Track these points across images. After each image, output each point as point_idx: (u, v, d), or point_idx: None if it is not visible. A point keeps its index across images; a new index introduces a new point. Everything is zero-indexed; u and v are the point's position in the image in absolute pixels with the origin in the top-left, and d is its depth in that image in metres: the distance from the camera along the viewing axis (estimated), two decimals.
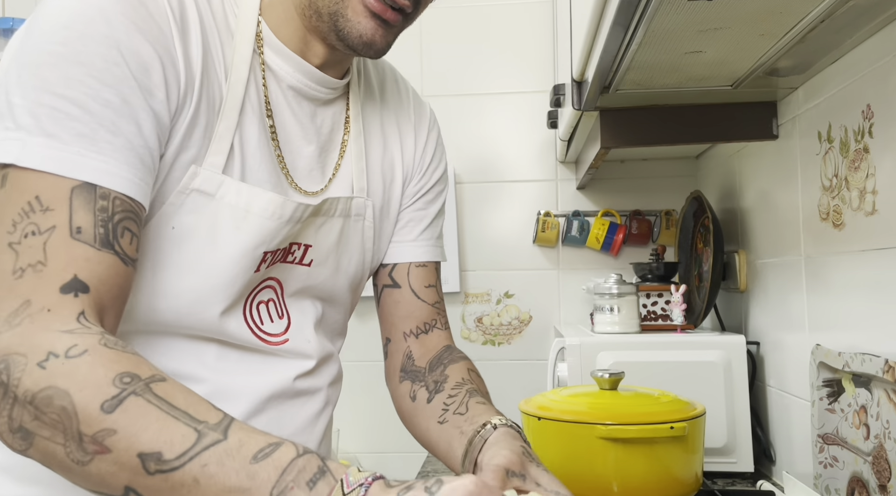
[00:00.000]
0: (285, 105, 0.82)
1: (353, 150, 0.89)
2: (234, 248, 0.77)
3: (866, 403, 0.99)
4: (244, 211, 0.77)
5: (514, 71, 2.03)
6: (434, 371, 0.94)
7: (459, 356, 0.96)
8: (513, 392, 1.95)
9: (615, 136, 1.34)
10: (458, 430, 0.84)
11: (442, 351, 0.96)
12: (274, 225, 0.79)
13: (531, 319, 2.01)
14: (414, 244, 0.99)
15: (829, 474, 1.09)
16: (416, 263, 0.98)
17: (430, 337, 0.98)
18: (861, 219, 1.03)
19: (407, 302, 0.98)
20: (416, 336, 0.98)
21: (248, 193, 0.77)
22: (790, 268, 1.30)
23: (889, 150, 0.96)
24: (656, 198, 1.97)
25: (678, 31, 0.92)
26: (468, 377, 0.92)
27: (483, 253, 2.03)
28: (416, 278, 0.98)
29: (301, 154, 0.84)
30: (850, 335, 1.07)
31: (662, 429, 1.02)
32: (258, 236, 0.78)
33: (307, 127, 0.85)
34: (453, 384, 0.91)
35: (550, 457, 1.09)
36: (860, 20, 0.93)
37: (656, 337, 1.46)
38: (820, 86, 1.16)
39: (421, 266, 0.99)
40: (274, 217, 0.79)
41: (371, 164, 0.92)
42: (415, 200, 0.99)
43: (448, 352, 0.96)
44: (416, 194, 0.99)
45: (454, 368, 0.93)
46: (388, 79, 0.98)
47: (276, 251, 0.81)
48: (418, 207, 0.99)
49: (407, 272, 0.98)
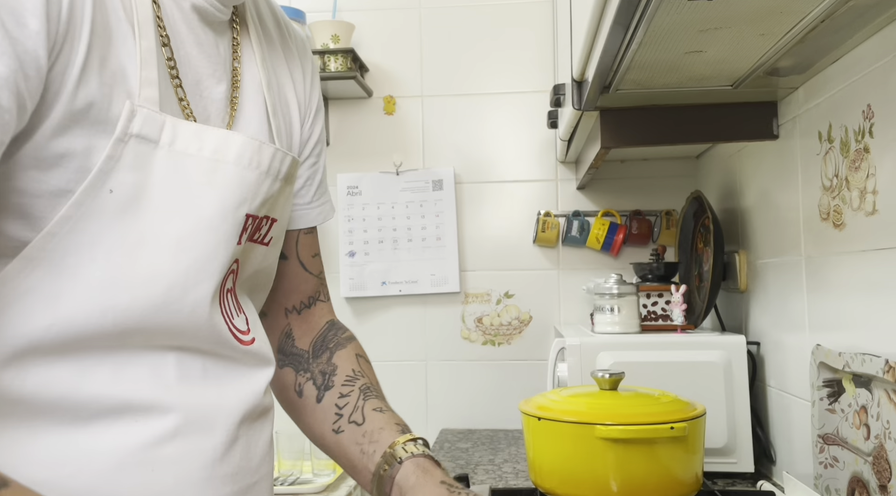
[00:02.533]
0: (187, 32, 0.65)
1: (249, 82, 0.72)
2: (208, 209, 0.61)
3: (867, 403, 0.99)
4: (212, 160, 0.61)
5: (514, 71, 2.03)
6: (319, 357, 0.83)
7: (345, 337, 0.86)
8: (513, 392, 1.96)
9: (615, 136, 1.34)
10: (358, 449, 0.76)
11: (325, 329, 0.86)
12: (253, 176, 0.64)
13: (531, 319, 2.00)
14: (309, 207, 0.84)
15: (830, 474, 1.09)
16: (304, 230, 0.85)
17: (312, 312, 0.87)
18: (861, 219, 1.02)
19: (293, 275, 0.85)
20: (299, 311, 0.85)
21: (211, 135, 0.61)
22: (790, 268, 1.29)
23: (889, 150, 0.96)
24: (656, 198, 1.97)
25: (678, 31, 0.92)
26: (358, 368, 0.82)
27: (483, 253, 2.03)
28: (305, 247, 0.85)
29: (212, 97, 0.67)
30: (850, 335, 1.07)
31: (662, 429, 1.02)
32: (238, 191, 0.63)
33: (214, 59, 0.68)
34: (343, 378, 0.81)
35: (550, 457, 1.09)
36: (860, 20, 0.92)
37: (656, 337, 1.46)
38: (820, 86, 1.15)
39: (309, 233, 0.86)
40: (252, 165, 0.64)
41: (272, 102, 0.75)
42: (309, 153, 0.83)
43: (332, 332, 0.86)
44: (308, 143, 0.83)
45: (341, 356, 0.83)
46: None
47: (256, 218, 0.67)
48: (311, 162, 0.84)
49: (296, 242, 0.84)
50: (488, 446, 1.76)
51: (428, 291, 2.00)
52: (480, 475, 1.47)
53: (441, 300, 2.02)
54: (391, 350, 2.01)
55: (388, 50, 2.03)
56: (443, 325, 2.02)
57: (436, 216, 2.02)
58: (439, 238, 2.01)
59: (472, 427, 1.98)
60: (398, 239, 2.01)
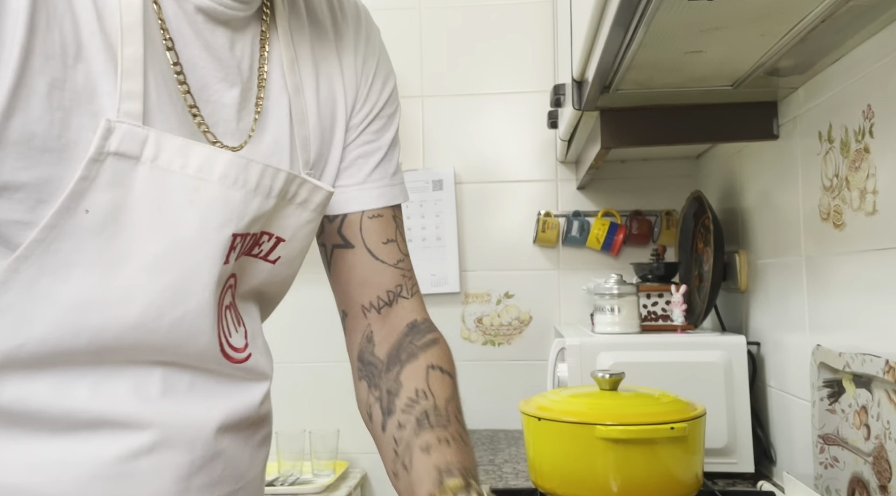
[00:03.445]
0: (192, 35, 0.62)
1: (275, 83, 0.68)
2: (189, 229, 0.58)
3: (867, 404, 0.99)
4: (196, 178, 0.58)
5: (514, 71, 2.03)
6: (391, 370, 0.75)
7: (422, 343, 0.77)
8: (513, 392, 1.96)
9: (615, 136, 1.34)
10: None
11: (404, 334, 0.77)
12: (239, 195, 0.60)
13: (531, 320, 2.00)
14: (363, 188, 0.77)
15: (830, 475, 1.09)
16: (369, 213, 0.77)
17: (394, 310, 0.78)
18: (862, 219, 1.02)
19: (363, 265, 0.77)
20: (379, 310, 0.78)
21: (197, 152, 0.58)
22: (791, 268, 1.29)
23: (890, 151, 0.96)
24: (657, 198, 1.97)
25: (679, 31, 0.92)
26: (424, 386, 0.72)
27: (483, 253, 2.03)
28: (372, 233, 0.77)
29: (223, 102, 0.64)
30: (850, 335, 1.07)
31: (663, 429, 1.01)
32: (222, 212, 0.60)
33: (227, 63, 0.64)
34: (405, 401, 0.71)
35: (550, 458, 1.09)
36: (861, 20, 0.92)
37: (657, 337, 1.46)
38: (820, 86, 1.15)
39: (376, 217, 0.77)
40: (237, 184, 0.60)
41: (308, 103, 0.71)
42: (361, 132, 0.77)
43: (410, 337, 0.77)
44: (363, 123, 0.77)
45: (410, 370, 0.74)
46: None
47: (245, 236, 0.63)
48: (366, 140, 0.78)
49: (359, 226, 0.77)
50: (488, 446, 1.75)
51: (428, 291, 2.00)
52: (480, 475, 1.47)
53: (441, 300, 2.02)
54: None
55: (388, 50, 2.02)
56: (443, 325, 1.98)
57: (436, 216, 2.02)
58: (439, 238, 2.01)
59: (472, 427, 1.98)
60: None
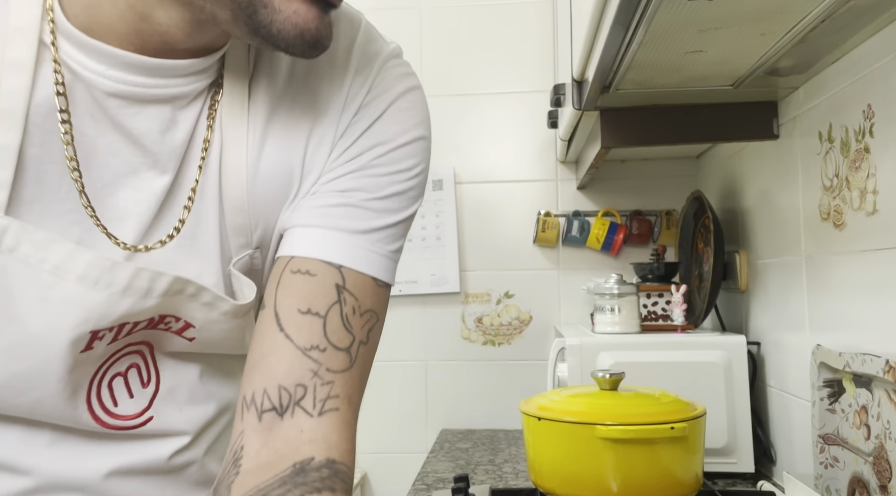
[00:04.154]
0: (108, 122, 0.56)
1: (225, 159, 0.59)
2: (40, 324, 0.55)
3: (867, 404, 0.99)
4: (52, 274, 0.54)
5: (514, 71, 2.03)
6: None
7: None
8: (513, 392, 1.96)
9: (615, 136, 1.34)
10: None
11: (279, 479, 0.52)
12: (100, 297, 0.55)
13: (531, 319, 2.00)
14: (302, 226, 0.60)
15: (830, 475, 1.09)
16: (294, 264, 0.58)
17: (283, 425, 0.55)
18: (862, 219, 1.02)
19: (265, 334, 0.57)
20: (259, 417, 0.55)
21: (58, 249, 0.54)
22: (791, 268, 1.29)
23: (890, 150, 0.96)
24: (657, 198, 1.97)
25: (678, 31, 0.92)
26: None
27: (483, 253, 2.03)
28: (289, 293, 0.57)
29: (142, 194, 0.58)
30: (850, 335, 1.07)
31: (663, 429, 1.01)
32: (77, 311, 0.55)
33: (155, 148, 0.58)
34: None
35: (551, 458, 1.09)
36: (861, 20, 0.92)
37: (657, 337, 1.46)
38: (821, 85, 1.15)
39: (302, 273, 0.57)
40: (100, 285, 0.55)
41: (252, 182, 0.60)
42: (330, 174, 0.62)
43: (287, 489, 0.52)
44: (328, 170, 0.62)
45: None
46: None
47: (123, 326, 0.58)
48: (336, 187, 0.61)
49: (278, 279, 0.58)
50: (488, 446, 1.75)
51: (428, 291, 2.00)
52: (480, 475, 1.47)
53: (441, 300, 2.02)
54: (391, 350, 2.01)
55: None
56: (443, 326, 2.02)
57: (436, 216, 2.02)
58: (439, 238, 2.01)
59: (472, 427, 1.98)
60: None
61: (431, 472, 1.51)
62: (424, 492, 1.36)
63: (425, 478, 1.46)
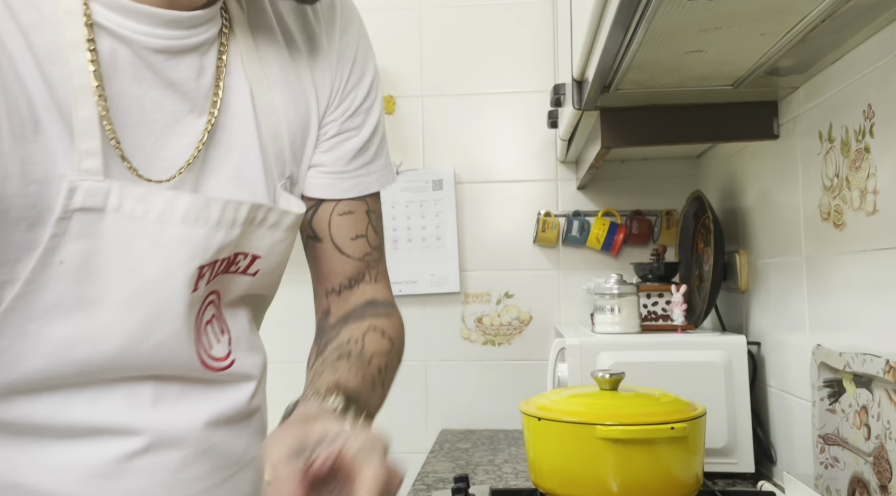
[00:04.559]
0: (153, 78, 0.64)
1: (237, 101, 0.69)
2: (155, 269, 0.62)
3: (867, 404, 0.99)
4: (159, 222, 0.62)
5: (514, 71, 2.03)
6: (335, 328, 0.79)
7: (371, 313, 0.80)
8: (513, 392, 1.96)
9: (616, 136, 1.34)
10: None
11: (359, 306, 0.81)
12: (201, 232, 0.64)
13: (531, 319, 2.00)
14: (338, 177, 0.78)
15: (830, 475, 1.09)
16: (339, 209, 0.78)
17: (353, 292, 0.82)
18: (862, 219, 1.02)
19: (329, 258, 0.80)
20: (339, 292, 0.81)
21: (159, 198, 0.62)
22: (791, 268, 1.29)
23: (890, 150, 0.95)
24: (657, 198, 1.97)
25: (679, 31, 0.92)
26: (357, 337, 0.75)
27: (483, 253, 2.02)
28: (340, 229, 0.79)
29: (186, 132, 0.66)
30: (850, 335, 1.07)
31: (663, 429, 1.01)
32: (186, 250, 0.63)
33: (194, 93, 0.66)
34: (335, 346, 0.74)
35: (551, 458, 1.08)
36: (861, 20, 0.92)
37: (657, 337, 1.46)
38: (821, 85, 1.15)
39: (346, 214, 0.79)
40: (199, 222, 0.64)
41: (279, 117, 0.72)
42: (339, 127, 0.77)
43: (362, 309, 0.80)
44: (339, 119, 0.77)
45: (352, 327, 0.77)
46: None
47: (214, 264, 0.67)
48: (343, 132, 0.77)
49: (328, 223, 0.78)
50: (488, 446, 1.75)
51: (428, 291, 2.00)
52: (480, 475, 1.47)
53: (441, 300, 2.02)
54: None
55: (388, 50, 2.03)
56: (443, 326, 2.02)
57: (436, 216, 2.01)
58: (439, 238, 2.01)
59: (472, 427, 1.98)
60: (398, 239, 2.01)
61: (431, 472, 1.51)
62: (424, 493, 1.36)
63: (425, 478, 1.46)
